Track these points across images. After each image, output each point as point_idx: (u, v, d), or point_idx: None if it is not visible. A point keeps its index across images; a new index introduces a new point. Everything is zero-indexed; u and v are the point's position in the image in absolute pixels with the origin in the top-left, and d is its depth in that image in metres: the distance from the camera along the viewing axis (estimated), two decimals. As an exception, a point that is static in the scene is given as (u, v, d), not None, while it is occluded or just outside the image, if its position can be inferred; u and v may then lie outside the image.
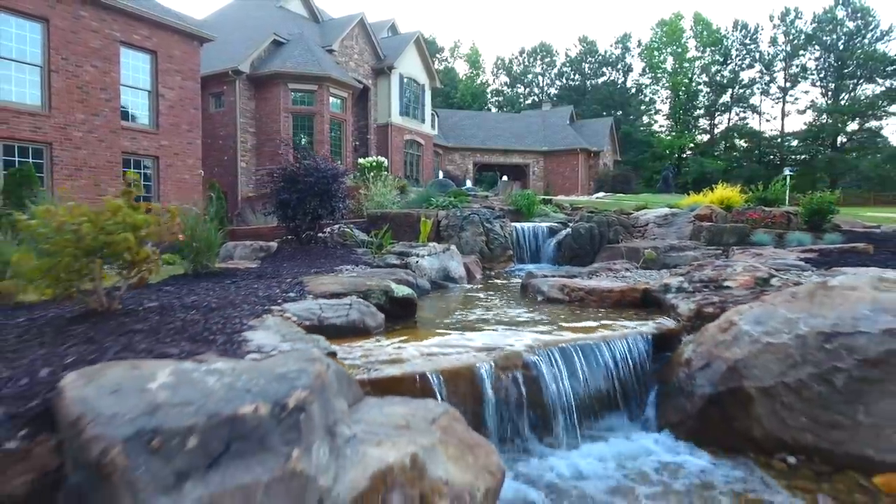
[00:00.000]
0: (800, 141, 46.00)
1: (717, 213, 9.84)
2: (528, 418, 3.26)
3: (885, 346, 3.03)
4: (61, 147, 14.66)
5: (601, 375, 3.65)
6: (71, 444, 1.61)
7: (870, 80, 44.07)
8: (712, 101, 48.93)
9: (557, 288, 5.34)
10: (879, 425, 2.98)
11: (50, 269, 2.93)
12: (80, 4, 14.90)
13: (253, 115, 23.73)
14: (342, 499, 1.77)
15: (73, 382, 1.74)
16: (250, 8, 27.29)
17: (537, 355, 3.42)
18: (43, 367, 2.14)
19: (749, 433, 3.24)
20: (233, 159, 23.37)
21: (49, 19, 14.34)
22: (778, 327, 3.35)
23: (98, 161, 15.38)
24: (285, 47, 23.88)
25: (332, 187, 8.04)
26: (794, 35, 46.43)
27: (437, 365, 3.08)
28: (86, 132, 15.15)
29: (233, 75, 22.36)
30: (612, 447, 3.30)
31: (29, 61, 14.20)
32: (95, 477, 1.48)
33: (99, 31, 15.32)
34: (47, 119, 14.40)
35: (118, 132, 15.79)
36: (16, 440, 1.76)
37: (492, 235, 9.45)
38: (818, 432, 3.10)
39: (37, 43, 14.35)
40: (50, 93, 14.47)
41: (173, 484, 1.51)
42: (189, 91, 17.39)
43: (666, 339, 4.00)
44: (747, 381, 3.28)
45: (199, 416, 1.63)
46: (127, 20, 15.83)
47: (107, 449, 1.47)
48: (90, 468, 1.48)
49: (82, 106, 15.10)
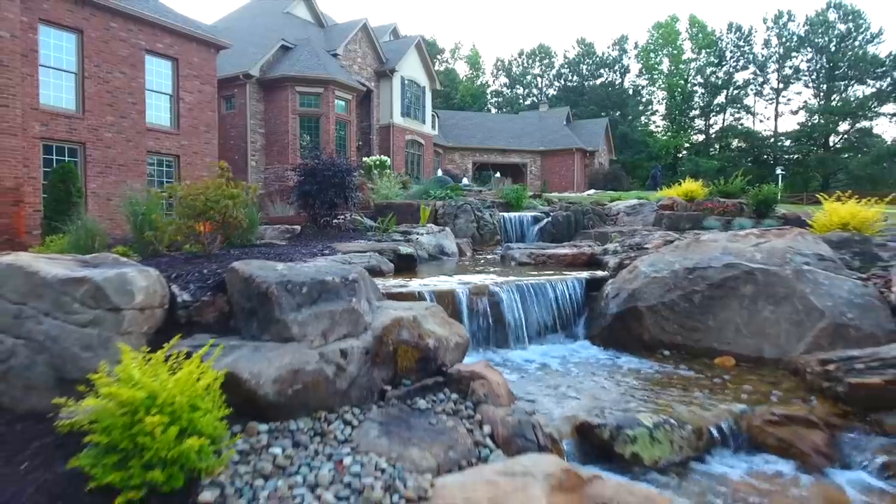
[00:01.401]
0: (792, 141, 47.63)
1: (678, 203, 11.45)
2: (492, 329, 4.88)
3: (725, 274, 4.66)
4: (94, 146, 16.29)
5: (546, 305, 5.27)
6: (243, 290, 3.26)
7: (860, 81, 45.68)
8: (707, 102, 50.58)
9: (527, 255, 6.97)
10: (720, 328, 4.61)
11: (178, 225, 4.59)
12: (111, 16, 16.55)
13: (262, 116, 25.35)
14: (376, 327, 3.41)
15: (238, 265, 3.39)
16: (258, 14, 28.94)
17: (499, 287, 5.05)
18: (204, 269, 3.79)
19: (641, 337, 4.87)
20: (243, 158, 24.98)
21: (83, 31, 15.98)
22: (662, 267, 4.98)
23: (125, 159, 17.01)
24: (293, 52, 25.51)
25: (347, 180, 9.66)
26: (787, 37, 48.07)
27: (430, 288, 4.72)
28: (115, 133, 16.79)
29: (243, 79, 23.97)
30: (550, 348, 4.93)
31: (65, 68, 15.84)
32: (262, 300, 3.13)
33: (127, 40, 16.97)
34: (81, 121, 16.04)
35: (143, 133, 17.43)
36: (206, 296, 3.42)
37: (482, 222, 11.07)
38: (684, 334, 4.73)
39: (72, 52, 15.99)
40: (83, 97, 16.11)
41: (296, 307, 3.16)
42: (207, 95, 19.04)
43: (596, 282, 5.64)
44: (640, 303, 4.91)
45: (306, 279, 3.28)
46: (152, 30, 17.48)
47: (268, 287, 3.12)
48: (260, 297, 3.14)
49: (112, 109, 16.74)
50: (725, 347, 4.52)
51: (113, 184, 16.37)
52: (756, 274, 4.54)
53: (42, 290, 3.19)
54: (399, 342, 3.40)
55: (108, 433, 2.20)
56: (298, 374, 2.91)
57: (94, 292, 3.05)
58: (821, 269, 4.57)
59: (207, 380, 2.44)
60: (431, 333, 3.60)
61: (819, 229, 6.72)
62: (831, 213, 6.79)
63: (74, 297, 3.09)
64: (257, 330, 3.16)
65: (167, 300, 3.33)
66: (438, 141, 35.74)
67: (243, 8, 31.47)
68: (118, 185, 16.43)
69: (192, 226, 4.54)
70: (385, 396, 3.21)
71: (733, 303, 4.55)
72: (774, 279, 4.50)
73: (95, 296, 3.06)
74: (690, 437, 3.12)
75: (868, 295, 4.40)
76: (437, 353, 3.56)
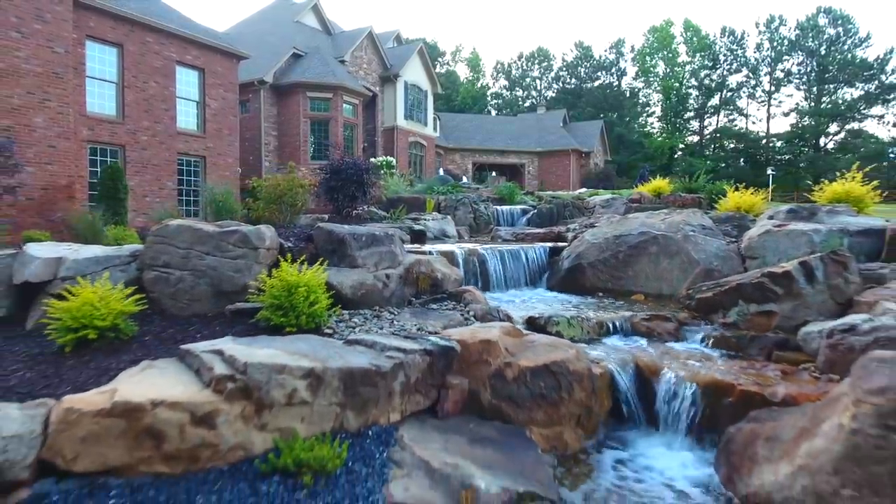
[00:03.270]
0: (784, 142, 49.92)
1: (645, 197, 13.64)
2: (479, 279, 7.11)
3: (639, 239, 6.91)
4: (132, 149, 18.56)
5: (520, 265, 7.51)
6: (327, 238, 5.53)
7: (849, 84, 47.98)
8: (702, 104, 52.93)
9: (510, 234, 9.24)
10: (635, 276, 6.84)
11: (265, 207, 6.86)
12: (147, 32, 18.83)
13: (275, 120, 27.61)
14: (405, 263, 5.68)
15: (323, 224, 5.66)
16: (269, 22, 31.25)
17: (486, 251, 7.30)
18: (295, 230, 6.05)
19: (584, 285, 7.11)
20: (258, 159, 27.22)
21: (123, 45, 18.26)
22: (599, 235, 7.23)
23: (159, 160, 19.28)
24: (303, 59, 27.78)
25: (365, 177, 11.87)
26: (779, 41, 50.41)
27: (437, 249, 6.97)
28: (150, 136, 19.06)
29: (258, 85, 26.22)
30: (520, 292, 7.18)
31: (108, 79, 18.11)
32: (339, 244, 5.40)
33: (160, 53, 19.26)
34: (121, 126, 18.30)
35: (174, 136, 19.70)
36: (301, 244, 5.69)
37: (478, 213, 13.31)
38: (613, 282, 6.97)
39: (114, 64, 18.27)
40: (123, 104, 18.38)
41: (359, 248, 5.43)
42: (229, 101, 21.33)
43: (557, 250, 7.90)
44: (583, 261, 7.15)
45: (364, 232, 5.54)
46: (182, 43, 19.76)
47: (343, 236, 5.39)
48: (338, 241, 5.42)
49: (147, 115, 19.02)
50: (639, 289, 6.74)
51: (148, 182, 18.64)
52: (659, 238, 6.75)
53: (206, 239, 5.43)
54: (419, 273, 5.64)
55: (277, 298, 4.44)
56: (363, 285, 5.15)
57: (243, 238, 5.30)
58: (701, 235, 6.79)
59: (321, 279, 4.68)
60: (439, 270, 5.86)
61: (721, 209, 8.99)
62: (730, 199, 9.07)
63: (229, 242, 5.33)
64: (336, 262, 5.40)
65: (278, 245, 5.56)
66: (440, 142, 38.01)
67: (255, 16, 33.79)
68: (152, 182, 18.72)
69: (273, 207, 6.78)
70: (412, 303, 5.46)
71: (644, 259, 6.77)
72: (670, 241, 6.71)
73: (243, 240, 5.31)
74: (594, 326, 5.34)
75: (729, 250, 6.62)
76: (443, 281, 5.80)
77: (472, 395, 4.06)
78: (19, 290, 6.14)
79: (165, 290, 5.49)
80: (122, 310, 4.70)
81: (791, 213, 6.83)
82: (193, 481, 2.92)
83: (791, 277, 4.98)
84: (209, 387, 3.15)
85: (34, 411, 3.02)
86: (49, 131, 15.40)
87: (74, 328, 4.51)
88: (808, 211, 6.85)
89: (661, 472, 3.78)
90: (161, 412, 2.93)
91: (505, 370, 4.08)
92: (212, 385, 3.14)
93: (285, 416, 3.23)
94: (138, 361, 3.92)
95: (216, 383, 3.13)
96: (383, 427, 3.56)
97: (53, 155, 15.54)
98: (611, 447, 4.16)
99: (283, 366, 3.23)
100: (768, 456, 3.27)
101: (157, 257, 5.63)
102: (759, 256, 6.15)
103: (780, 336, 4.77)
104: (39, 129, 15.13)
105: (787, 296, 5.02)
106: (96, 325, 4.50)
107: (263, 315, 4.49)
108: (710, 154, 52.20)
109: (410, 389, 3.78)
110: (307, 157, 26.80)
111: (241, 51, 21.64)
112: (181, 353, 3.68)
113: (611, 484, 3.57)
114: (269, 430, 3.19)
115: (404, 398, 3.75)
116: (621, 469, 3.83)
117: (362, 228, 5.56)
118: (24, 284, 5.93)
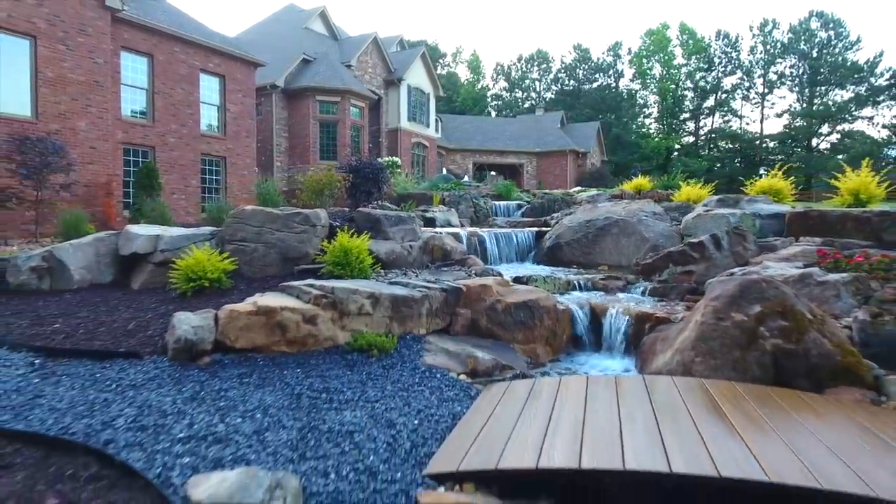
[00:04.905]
0: (777, 142, 52.03)
1: (626, 193, 15.64)
2: (479, 255, 9.11)
3: (604, 223, 8.92)
4: (161, 150, 20.57)
5: (512, 245, 9.52)
6: (366, 218, 7.59)
7: (840, 86, 50.09)
8: (697, 105, 55.03)
9: (505, 222, 11.25)
10: (601, 251, 8.87)
11: (309, 196, 8.93)
12: (174, 42, 20.85)
13: (286, 122, 29.61)
14: (423, 238, 7.73)
15: (361, 209, 7.70)
16: (279, 28, 33.27)
17: (485, 233, 9.31)
18: (338, 213, 8.08)
19: (562, 259, 9.12)
20: (269, 159, 29.22)
21: (153, 55, 20.27)
22: (574, 221, 9.24)
23: (185, 160, 21.28)
24: (312, 65, 29.78)
25: (379, 175, 13.85)
26: (772, 44, 52.53)
27: (445, 231, 8.98)
28: (177, 139, 21.06)
29: (270, 89, 28.22)
30: (511, 265, 9.19)
31: (139, 86, 20.12)
32: (375, 222, 7.46)
33: (185, 61, 21.27)
34: (152, 129, 20.31)
35: (198, 138, 21.71)
36: (345, 223, 7.73)
37: (478, 208, 15.31)
38: (584, 256, 8.98)
39: (144, 72, 20.28)
40: (153, 109, 20.39)
41: (390, 226, 7.47)
42: (247, 105, 23.36)
43: (542, 233, 9.90)
44: (561, 240, 9.16)
45: (393, 214, 7.58)
46: (205, 53, 21.78)
47: (378, 216, 7.45)
48: (374, 220, 7.47)
49: (174, 119, 21.02)
50: (604, 261, 8.75)
51: (175, 180, 20.64)
52: (619, 222, 8.75)
53: (275, 219, 7.44)
54: (433, 245, 7.66)
55: (337, 257, 6.46)
56: (393, 252, 7.17)
57: (305, 218, 7.32)
58: (652, 219, 8.80)
59: (365, 245, 6.70)
60: (448, 244, 7.88)
61: (675, 199, 11.04)
62: (683, 192, 11.13)
63: (294, 221, 7.35)
64: (373, 236, 7.42)
65: (328, 224, 7.57)
66: (441, 143, 40.03)
67: (264, 22, 35.83)
68: (179, 181, 20.72)
69: (314, 197, 8.79)
70: (429, 266, 7.47)
71: (608, 238, 8.77)
72: (628, 225, 8.71)
73: (305, 220, 7.32)
74: (564, 283, 7.35)
75: (672, 230, 8.65)
76: (451, 252, 7.82)
77: (473, 321, 6.07)
78: (122, 260, 8.15)
79: (243, 259, 7.49)
80: (223, 268, 6.71)
81: (719, 202, 8.83)
82: (303, 356, 4.92)
83: (704, 246, 6.95)
84: (310, 302, 5.15)
85: (204, 314, 5.01)
86: (90, 134, 17.44)
87: (193, 279, 6.52)
88: (733, 200, 8.84)
89: (601, 367, 5.78)
90: (285, 313, 4.93)
91: (496, 304, 6.08)
92: (312, 301, 5.14)
93: (356, 321, 5.23)
94: (243, 300, 5.91)
95: (315, 300, 5.13)
96: (416, 335, 5.57)
97: (94, 155, 17.56)
98: (569, 360, 6.16)
99: (355, 289, 5.24)
100: (662, 349, 5.27)
101: (234, 234, 7.64)
102: (692, 234, 8.13)
103: (693, 286, 6.75)
104: (82, 133, 17.17)
105: (701, 259, 6.98)
106: (208, 276, 6.52)
107: (327, 269, 6.50)
108: (705, 154, 54.27)
109: (432, 314, 5.79)
110: (317, 158, 28.83)
111: (259, 59, 23.68)
112: (282, 287, 5.69)
113: (563, 368, 5.58)
114: (346, 330, 5.19)
115: (429, 319, 5.75)
116: (574, 366, 5.84)
117: (391, 212, 7.58)
118: (128, 256, 7.95)
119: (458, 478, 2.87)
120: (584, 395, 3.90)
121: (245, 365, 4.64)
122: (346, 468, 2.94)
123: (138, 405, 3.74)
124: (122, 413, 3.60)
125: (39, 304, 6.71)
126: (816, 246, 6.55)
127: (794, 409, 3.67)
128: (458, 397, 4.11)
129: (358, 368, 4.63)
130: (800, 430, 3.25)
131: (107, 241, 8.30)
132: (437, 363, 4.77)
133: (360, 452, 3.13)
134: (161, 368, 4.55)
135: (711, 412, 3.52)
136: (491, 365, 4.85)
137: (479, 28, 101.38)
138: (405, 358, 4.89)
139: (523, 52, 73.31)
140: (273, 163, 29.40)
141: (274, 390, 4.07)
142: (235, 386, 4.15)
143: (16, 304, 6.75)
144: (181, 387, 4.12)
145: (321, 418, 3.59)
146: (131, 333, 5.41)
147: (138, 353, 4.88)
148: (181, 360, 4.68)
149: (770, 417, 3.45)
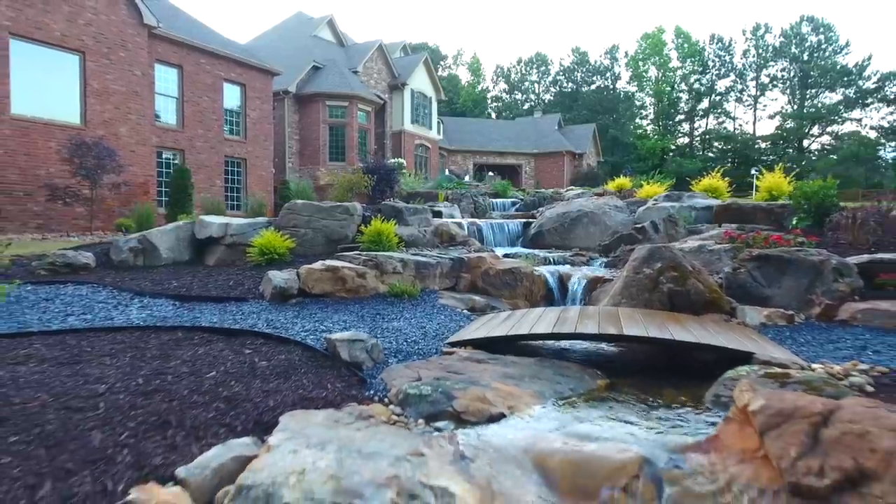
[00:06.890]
0: (769, 143, 54.62)
1: (608, 192, 18.13)
2: (478, 239, 11.60)
3: (577, 214, 11.45)
4: (189, 153, 23.07)
5: (505, 232, 12.03)
6: (390, 209, 10.13)
7: (830, 88, 52.70)
8: (692, 107, 57.68)
9: (500, 215, 13.78)
10: (575, 237, 11.41)
11: (341, 193, 11.51)
12: (201, 55, 23.36)
13: (297, 126, 32.09)
14: (433, 224, 10.27)
15: (387, 201, 10.23)
16: (289, 36, 35.78)
17: (483, 222, 11.82)
18: (369, 206, 10.63)
19: (544, 243, 11.65)
20: (282, 161, 31.71)
21: (183, 66, 22.78)
22: (554, 212, 11.78)
23: (210, 162, 23.79)
24: (322, 71, 32.28)
25: (391, 175, 16.36)
26: (764, 48, 55.16)
27: (450, 221, 11.49)
28: (203, 143, 23.57)
29: (282, 94, 30.69)
30: (504, 249, 11.68)
31: (171, 94, 22.63)
32: (398, 212, 10.01)
33: (210, 72, 23.78)
34: (181, 134, 22.81)
35: (222, 142, 24.21)
36: (375, 214, 10.27)
37: (477, 204, 17.83)
38: (561, 241, 11.51)
39: (175, 82, 22.79)
40: (183, 116, 22.89)
41: (409, 215, 10.01)
42: (265, 111, 25.87)
43: (529, 223, 12.41)
44: (543, 228, 11.70)
45: (411, 207, 10.10)
46: (228, 63, 24.30)
47: (400, 208, 10.00)
48: (397, 211, 10.02)
49: (200, 125, 23.52)
50: (577, 245, 11.27)
51: (202, 181, 23.13)
52: (589, 214, 11.26)
53: (322, 210, 9.95)
54: (442, 230, 10.17)
55: (372, 237, 8.98)
56: (412, 234, 9.69)
57: (345, 210, 9.83)
58: (614, 211, 11.32)
59: (392, 229, 9.21)
60: (453, 229, 10.40)
61: (638, 196, 13.61)
62: (643, 189, 13.68)
63: (337, 211, 9.86)
64: (397, 222, 9.93)
65: (362, 213, 10.07)
66: (443, 144, 42.56)
67: (274, 30, 38.38)
68: (205, 181, 23.22)
69: (345, 193, 11.30)
70: (438, 246, 9.98)
71: (580, 227, 11.28)
72: (596, 215, 11.22)
73: (345, 211, 9.83)
74: (541, 259, 9.84)
75: (629, 220, 11.18)
76: (455, 236, 10.34)
77: (472, 283, 8.55)
78: (197, 243, 10.64)
79: (296, 241, 9.99)
80: (287, 245, 9.21)
81: (666, 197, 11.33)
82: (357, 300, 7.39)
83: (645, 230, 9.43)
84: (360, 264, 7.65)
85: (289, 272, 7.49)
86: (130, 139, 20.01)
87: (265, 253, 9.02)
88: (676, 195, 11.33)
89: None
90: (344, 270, 7.41)
91: (489, 270, 8.57)
92: (361, 263, 7.64)
93: (392, 278, 7.73)
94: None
95: (363, 262, 7.64)
96: (432, 290, 8.07)
97: (133, 158, 20.11)
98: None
99: (390, 256, 7.76)
100: (603, 297, 7.76)
101: (288, 222, 10.14)
102: (641, 222, 10.59)
103: (636, 259, 9.29)
104: (123, 138, 19.71)
105: (644, 240, 9.44)
106: (277, 252, 9.01)
107: (364, 246, 9.00)
108: (699, 155, 56.82)
109: (444, 275, 8.28)
110: (326, 159, 31.33)
111: (276, 68, 26.22)
112: (337, 256, 8.18)
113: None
114: (385, 284, 7.68)
115: (441, 279, 8.25)
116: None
117: (409, 205, 10.10)
118: (203, 239, 10.43)
119: (463, 344, 5.36)
120: (557, 314, 6.38)
121: (321, 303, 7.13)
122: (400, 340, 5.43)
123: (264, 319, 6.21)
124: (258, 322, 6.07)
125: (146, 275, 9.16)
126: (728, 230, 8.99)
127: (677, 320, 6.14)
128: (461, 319, 6.62)
129: (396, 305, 7.13)
130: (674, 327, 5.72)
131: (184, 228, 10.80)
132: (448, 304, 7.27)
133: (406, 336, 5.62)
134: (263, 306, 7.01)
135: (629, 319, 5.98)
136: (484, 304, 7.35)
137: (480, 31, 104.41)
138: (426, 300, 7.39)
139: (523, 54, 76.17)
140: (286, 164, 31.92)
141: (347, 313, 6.56)
142: (320, 311, 6.64)
143: (128, 274, 9.21)
144: (286, 312, 6.60)
145: (379, 326, 6.07)
146: (232, 288, 7.89)
147: (245, 297, 7.36)
148: (276, 301, 7.15)
149: (664, 322, 5.93)
